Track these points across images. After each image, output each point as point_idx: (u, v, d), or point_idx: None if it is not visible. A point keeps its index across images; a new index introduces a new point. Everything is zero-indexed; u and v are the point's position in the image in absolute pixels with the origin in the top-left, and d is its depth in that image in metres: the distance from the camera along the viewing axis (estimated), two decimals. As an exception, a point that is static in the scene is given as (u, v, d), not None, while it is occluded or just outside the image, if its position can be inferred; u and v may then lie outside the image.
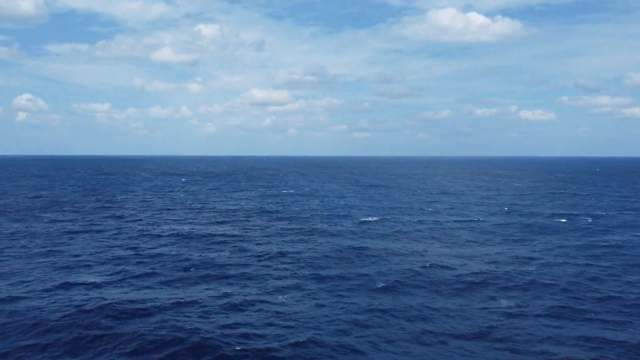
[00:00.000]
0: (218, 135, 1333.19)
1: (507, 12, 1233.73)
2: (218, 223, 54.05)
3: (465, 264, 35.67)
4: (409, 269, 33.76)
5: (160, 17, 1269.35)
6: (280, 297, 27.79)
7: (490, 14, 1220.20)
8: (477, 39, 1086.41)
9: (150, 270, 33.11)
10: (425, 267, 34.46)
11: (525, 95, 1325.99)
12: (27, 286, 29.39)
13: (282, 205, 69.74)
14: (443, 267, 34.71)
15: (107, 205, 69.71)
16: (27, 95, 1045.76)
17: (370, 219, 57.59)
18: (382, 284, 30.15)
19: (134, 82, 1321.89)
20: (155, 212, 62.36)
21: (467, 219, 58.10)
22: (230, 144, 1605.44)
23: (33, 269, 33.44)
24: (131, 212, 62.64)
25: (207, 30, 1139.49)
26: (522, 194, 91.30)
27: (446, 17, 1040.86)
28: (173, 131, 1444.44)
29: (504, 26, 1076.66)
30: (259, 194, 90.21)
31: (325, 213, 62.49)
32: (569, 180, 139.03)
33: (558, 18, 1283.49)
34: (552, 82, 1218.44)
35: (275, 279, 31.63)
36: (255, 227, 51.11)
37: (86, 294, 27.59)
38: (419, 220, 56.58)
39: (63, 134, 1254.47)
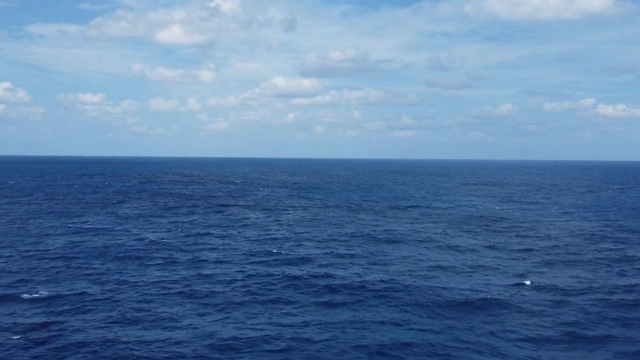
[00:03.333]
0: (229, 133, 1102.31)
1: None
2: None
3: None
4: None
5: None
6: None
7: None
8: (558, 16, 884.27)
9: None
10: None
11: (604, 87, 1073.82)
12: None
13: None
14: None
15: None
16: (5, 84, 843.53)
17: None
18: None
19: (132, 69, 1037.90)
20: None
21: None
22: (243, 143, 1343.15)
23: None
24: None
25: (226, 5, 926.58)
26: None
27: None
28: (176, 128, 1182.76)
29: (594, 1, 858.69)
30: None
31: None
32: None
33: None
34: (639, 70, 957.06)
35: None
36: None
37: None
38: None
39: (47, 131, 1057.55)
